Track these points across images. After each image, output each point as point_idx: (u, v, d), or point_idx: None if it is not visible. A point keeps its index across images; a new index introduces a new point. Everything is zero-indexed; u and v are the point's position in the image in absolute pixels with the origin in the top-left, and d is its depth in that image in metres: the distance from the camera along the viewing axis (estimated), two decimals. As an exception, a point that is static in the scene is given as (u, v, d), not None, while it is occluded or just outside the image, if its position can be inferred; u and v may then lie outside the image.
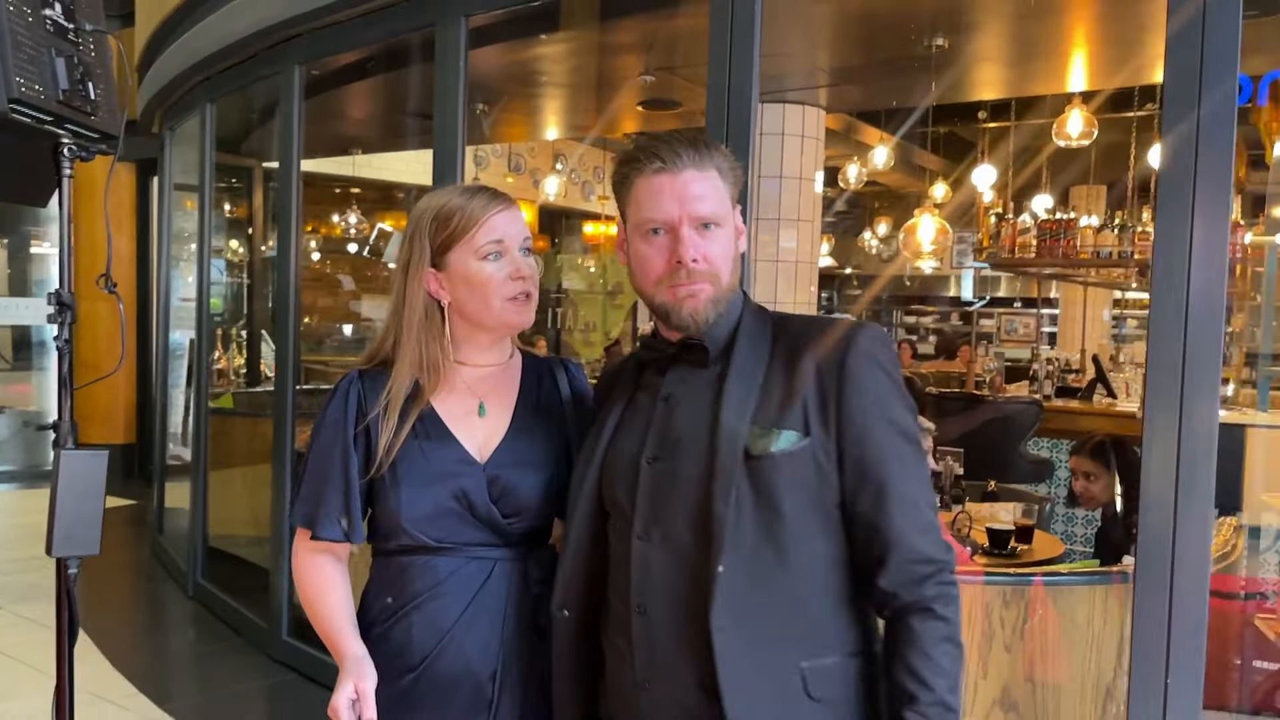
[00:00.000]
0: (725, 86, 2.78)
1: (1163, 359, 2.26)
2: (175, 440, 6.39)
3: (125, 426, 8.44)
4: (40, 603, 4.83)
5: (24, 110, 1.70)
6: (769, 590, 1.30)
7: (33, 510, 6.92)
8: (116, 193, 8.07)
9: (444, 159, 3.52)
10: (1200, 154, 2.21)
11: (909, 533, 1.30)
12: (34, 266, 9.81)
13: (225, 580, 5.00)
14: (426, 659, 1.55)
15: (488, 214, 1.55)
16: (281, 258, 4.52)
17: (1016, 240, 5.83)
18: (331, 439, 1.57)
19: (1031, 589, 2.78)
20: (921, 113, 6.34)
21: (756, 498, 1.30)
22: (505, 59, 4.81)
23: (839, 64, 4.75)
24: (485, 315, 1.57)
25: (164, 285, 6.34)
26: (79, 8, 1.86)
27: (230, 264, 8.61)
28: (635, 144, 1.41)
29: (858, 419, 1.30)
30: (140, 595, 5.47)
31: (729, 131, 2.77)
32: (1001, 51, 4.65)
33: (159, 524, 6.19)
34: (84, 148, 1.88)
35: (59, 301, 1.76)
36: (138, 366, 8.62)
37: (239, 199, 7.89)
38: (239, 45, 4.46)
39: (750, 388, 1.35)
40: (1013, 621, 2.76)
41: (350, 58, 4.44)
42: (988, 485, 4.32)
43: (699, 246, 1.35)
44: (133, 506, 7.17)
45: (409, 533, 1.55)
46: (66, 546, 1.71)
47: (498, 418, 1.61)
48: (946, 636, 1.29)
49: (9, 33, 1.64)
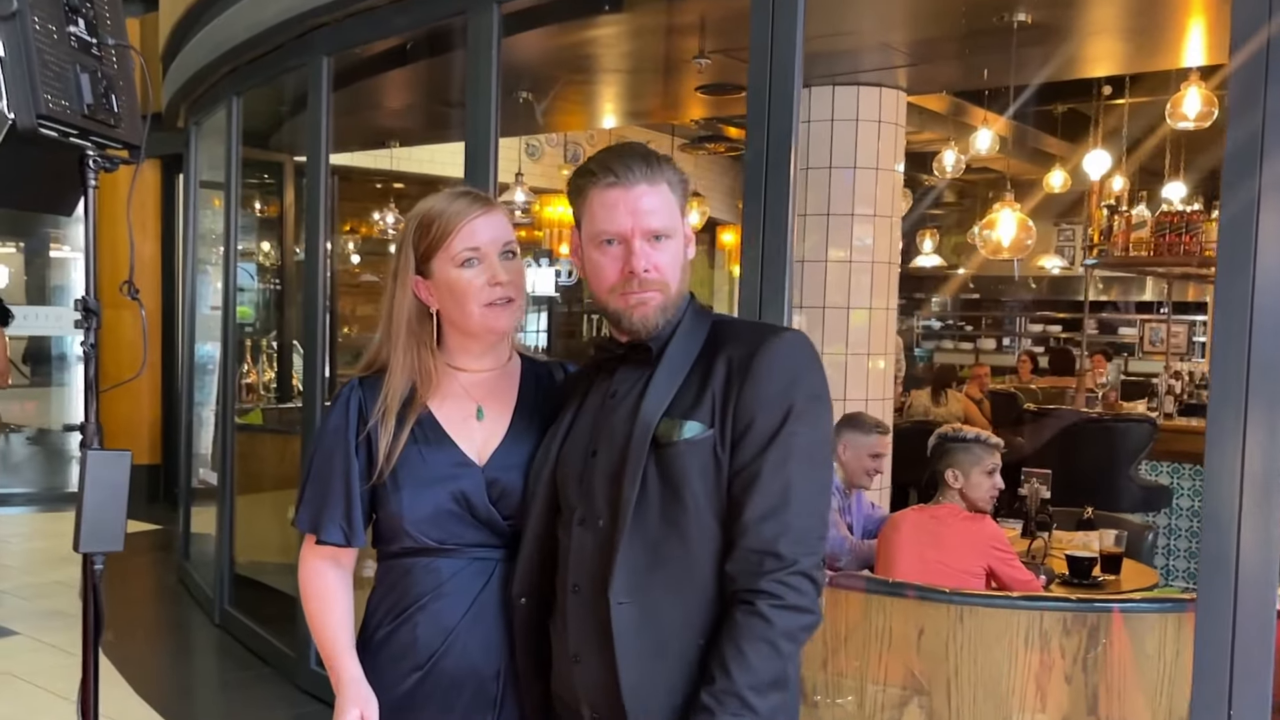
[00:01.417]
0: (766, 70, 3.01)
1: (1225, 365, 2.43)
2: (204, 463, 6.77)
3: (150, 446, 8.98)
4: (60, 629, 5.32)
5: (51, 125, 2.07)
6: (669, 571, 1.60)
7: (51, 534, 7.51)
8: (140, 191, 8.60)
9: (476, 152, 3.82)
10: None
11: (762, 524, 1.55)
12: (53, 272, 10.37)
13: (252, 608, 5.43)
14: (433, 658, 1.84)
15: (463, 220, 1.83)
16: (310, 259, 4.90)
17: (1130, 236, 5.94)
18: (333, 445, 1.88)
19: (1094, 616, 2.98)
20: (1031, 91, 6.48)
21: (663, 483, 1.61)
22: (552, 44, 5.15)
23: (916, 40, 4.96)
24: (467, 322, 1.85)
25: (190, 291, 6.83)
26: (101, 23, 2.24)
27: (262, 268, 9.10)
28: (590, 158, 1.71)
29: (748, 412, 1.59)
30: (165, 622, 5.95)
31: (770, 119, 3.00)
32: (1110, 23, 4.80)
33: (184, 549, 6.68)
34: (108, 158, 2.25)
35: (85, 308, 2.13)
36: (163, 381, 9.13)
37: (270, 196, 8.38)
38: (265, 35, 4.89)
39: (673, 382, 1.65)
40: (1074, 651, 2.96)
41: (384, 45, 4.83)
42: (1084, 512, 4.47)
43: (650, 257, 1.65)
44: (157, 532, 7.72)
45: (411, 535, 1.84)
46: (93, 543, 2.07)
47: (496, 421, 1.90)
48: (764, 637, 1.52)
49: (36, 52, 2.01)
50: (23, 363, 9.45)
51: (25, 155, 2.15)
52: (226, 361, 5.90)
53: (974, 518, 3.51)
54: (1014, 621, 3.02)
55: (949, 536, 3.47)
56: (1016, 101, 7.04)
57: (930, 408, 7.71)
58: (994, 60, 5.21)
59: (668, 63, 5.56)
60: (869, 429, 4.06)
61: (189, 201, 6.92)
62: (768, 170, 3.05)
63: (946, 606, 3.05)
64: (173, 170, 8.65)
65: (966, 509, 3.53)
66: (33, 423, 9.77)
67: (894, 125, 5.47)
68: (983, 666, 3.01)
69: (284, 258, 7.90)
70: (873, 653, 3.11)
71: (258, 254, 9.11)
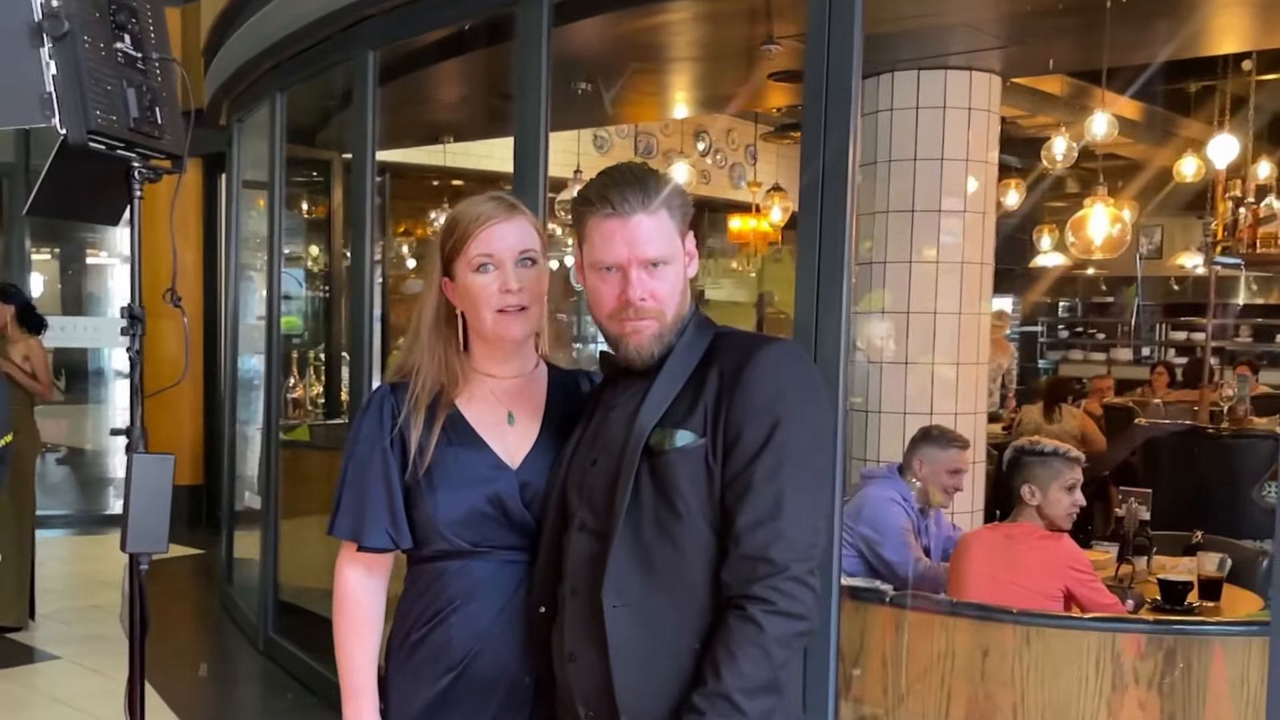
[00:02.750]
0: (823, 54, 3.21)
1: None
2: (251, 485, 7.16)
3: (192, 466, 9.46)
4: (101, 653, 5.78)
5: (99, 139, 2.45)
6: (663, 575, 1.87)
7: (90, 558, 8.05)
8: (181, 194, 9.08)
9: (525, 147, 4.10)
10: None
11: (754, 531, 1.80)
12: (90, 280, 10.89)
13: (298, 635, 5.83)
14: (466, 659, 2.14)
15: (480, 226, 2.12)
16: (356, 263, 5.26)
17: (1258, 231, 6.06)
18: (369, 451, 2.17)
19: (1171, 639, 3.19)
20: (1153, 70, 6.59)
21: (656, 491, 1.88)
22: (613, 31, 5.47)
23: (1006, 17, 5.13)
24: (481, 327, 2.15)
25: (232, 300, 7.25)
26: (146, 37, 2.62)
27: (310, 274, 9.49)
28: (589, 184, 1.99)
29: (738, 422, 1.85)
30: (208, 649, 6.42)
31: (827, 111, 3.19)
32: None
33: (227, 574, 7.16)
34: (152, 169, 2.63)
35: (131, 315, 2.50)
36: (205, 397, 9.58)
37: (318, 196, 8.79)
38: (309, 29, 5.29)
39: (669, 393, 1.93)
40: (1149, 675, 3.18)
41: (436, 36, 5.20)
42: (1192, 536, 4.62)
43: (646, 285, 1.92)
44: (200, 556, 8.23)
45: (445, 537, 2.14)
46: (139, 543, 2.44)
47: (527, 426, 2.21)
48: (756, 642, 1.77)
49: (86, 70, 2.39)
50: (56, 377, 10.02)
51: (74, 168, 2.55)
52: (270, 374, 6.28)
53: (1051, 536, 3.71)
54: (1085, 643, 3.24)
55: (1024, 556, 3.68)
56: (1135, 83, 7.17)
57: (1042, 424, 7.82)
58: (1103, 37, 5.35)
59: (737, 49, 5.84)
60: (946, 443, 4.29)
61: (232, 203, 7.33)
62: (824, 165, 3.21)
63: (1012, 627, 3.28)
64: (215, 170, 9.10)
65: (1044, 527, 3.73)
66: (70, 441, 10.32)
67: (986, 112, 5.61)
68: (1051, 691, 3.23)
69: (332, 262, 8.25)
70: (934, 677, 3.35)
71: (306, 258, 9.52)
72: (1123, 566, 3.99)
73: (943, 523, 4.53)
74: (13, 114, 2.40)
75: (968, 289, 5.50)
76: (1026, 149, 9.32)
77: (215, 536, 7.88)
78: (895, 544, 4.20)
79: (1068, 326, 14.89)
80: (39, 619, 6.47)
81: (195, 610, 7.08)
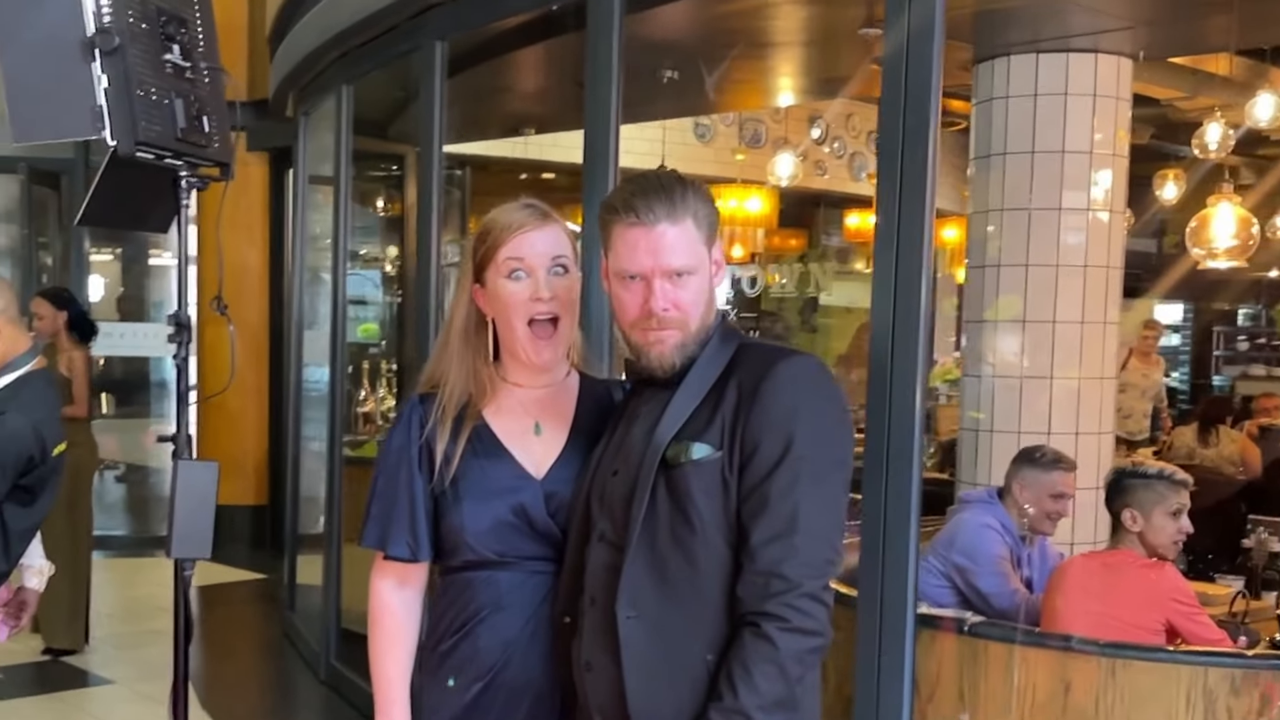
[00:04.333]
0: (903, 34, 3.40)
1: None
2: (319, 506, 7.38)
3: (256, 485, 10.00)
4: (155, 678, 6.23)
5: (147, 149, 2.85)
6: (677, 587, 2.12)
7: (143, 582, 8.58)
8: (247, 191, 9.52)
9: (595, 139, 4.38)
10: None
11: (768, 547, 2.04)
12: (152, 283, 11.30)
13: (361, 665, 6.18)
14: (493, 669, 2.45)
15: (512, 233, 2.41)
16: (422, 265, 5.59)
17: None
18: (397, 463, 2.49)
19: (1270, 674, 3.39)
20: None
21: (671, 503, 2.13)
22: (704, 15, 5.77)
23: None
24: (510, 338, 2.44)
25: (298, 304, 7.68)
26: (194, 47, 3.02)
27: (387, 277, 9.87)
28: (614, 191, 2.25)
29: (754, 436, 2.08)
30: (269, 677, 6.90)
31: (907, 93, 3.35)
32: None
33: (290, 600, 7.62)
34: (200, 177, 3.03)
35: (177, 322, 2.90)
36: (271, 412, 10.07)
37: (393, 192, 9.18)
38: (375, 18, 5.69)
39: (689, 405, 2.19)
40: (1243, 714, 3.38)
41: (510, 23, 5.55)
42: (1336, 572, 4.77)
43: (670, 295, 2.15)
44: (262, 581, 8.74)
45: (472, 547, 2.45)
46: (183, 549, 2.84)
47: (553, 436, 2.51)
48: (770, 659, 2.00)
49: (136, 82, 2.79)
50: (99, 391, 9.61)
51: (124, 177, 2.96)
52: (334, 386, 6.65)
53: (1153, 565, 3.90)
54: (1173, 677, 3.45)
55: (1123, 586, 3.88)
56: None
57: (1196, 449, 7.89)
58: (1265, 10, 5.45)
59: (840, 33, 6.10)
60: (1049, 464, 4.47)
61: (298, 200, 7.74)
62: (903, 157, 3.39)
63: (1096, 659, 3.50)
64: (282, 165, 9.55)
65: (1145, 555, 3.93)
66: (129, 458, 10.88)
67: (1114, 99, 5.71)
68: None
69: (405, 264, 8.63)
70: (1013, 712, 3.58)
71: (384, 260, 9.93)
72: (1238, 600, 4.16)
73: (1048, 553, 4.68)
74: (65, 126, 2.80)
75: (1091, 295, 5.60)
76: (1184, 137, 9.36)
77: (278, 560, 8.32)
78: (989, 573, 4.37)
79: (1249, 338, 14.71)
80: (94, 642, 6.97)
81: (256, 637, 7.60)
